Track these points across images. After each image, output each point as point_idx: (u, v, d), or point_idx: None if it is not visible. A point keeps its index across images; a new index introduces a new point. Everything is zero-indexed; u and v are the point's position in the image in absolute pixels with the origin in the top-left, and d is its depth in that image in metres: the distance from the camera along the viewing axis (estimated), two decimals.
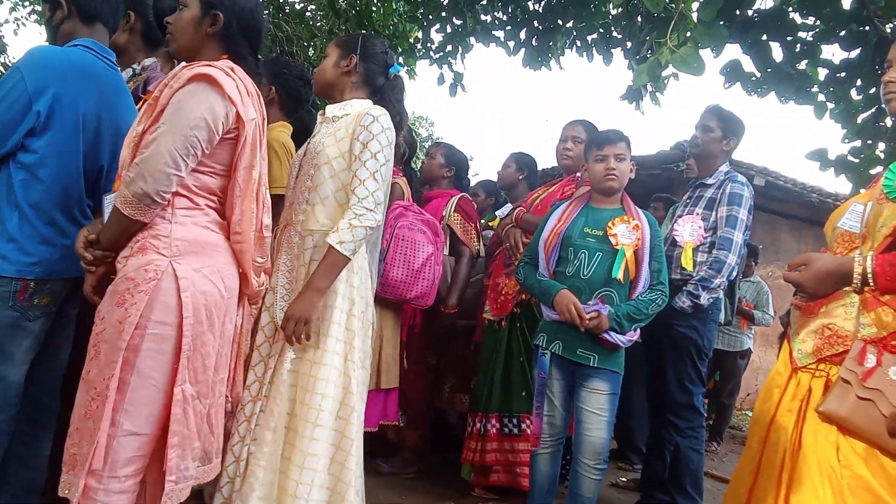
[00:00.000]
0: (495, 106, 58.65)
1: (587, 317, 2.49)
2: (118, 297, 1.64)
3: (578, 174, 3.19)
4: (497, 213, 4.15)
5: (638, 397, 3.91)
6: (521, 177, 3.67)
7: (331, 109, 2.27)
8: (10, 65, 10.60)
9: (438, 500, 3.23)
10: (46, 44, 2.10)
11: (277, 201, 2.52)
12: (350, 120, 2.15)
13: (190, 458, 1.71)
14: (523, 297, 3.12)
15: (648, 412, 3.42)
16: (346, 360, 2.08)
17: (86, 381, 1.65)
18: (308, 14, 7.76)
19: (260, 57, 1.96)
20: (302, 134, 2.84)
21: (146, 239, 1.69)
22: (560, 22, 5.42)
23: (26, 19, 10.91)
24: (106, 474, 1.59)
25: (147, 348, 1.63)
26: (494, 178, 4.09)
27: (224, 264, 1.78)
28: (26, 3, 10.72)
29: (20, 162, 1.88)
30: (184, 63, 1.80)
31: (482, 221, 3.98)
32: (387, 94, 2.28)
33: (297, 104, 2.87)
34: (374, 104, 2.21)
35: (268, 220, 1.87)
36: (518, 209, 3.29)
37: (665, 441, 3.11)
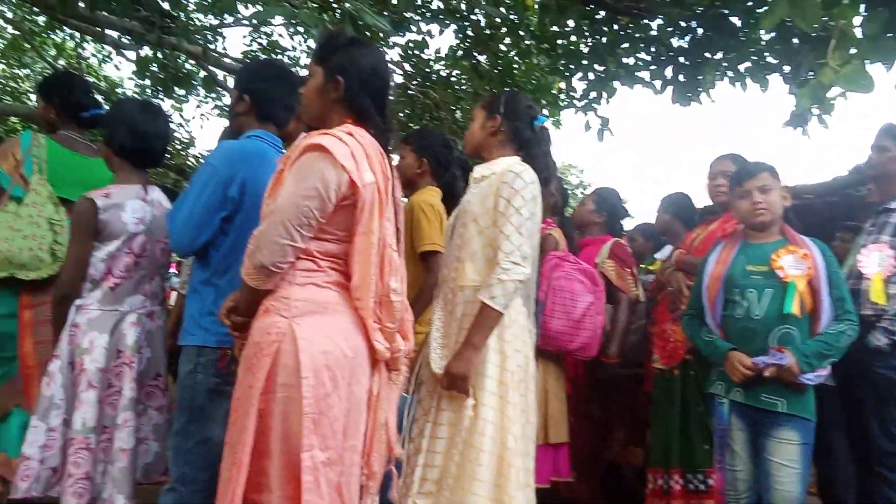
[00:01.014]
0: (647, 145, 57.20)
1: (767, 372, 2.32)
2: (247, 361, 1.68)
3: None
4: (657, 255, 4.03)
5: (839, 445, 3.53)
6: (668, 217, 3.57)
7: (478, 170, 2.36)
8: (200, 155, 12.00)
9: None
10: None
11: (428, 257, 2.70)
12: (495, 178, 2.22)
13: None
14: None
15: (853, 462, 3.07)
16: (503, 414, 2.08)
17: (228, 446, 1.68)
18: (453, 79, 8.11)
19: (387, 112, 1.91)
20: (448, 196, 2.99)
21: (270, 301, 1.71)
22: (708, 55, 5.24)
23: (209, 114, 12.29)
24: None
25: (278, 412, 1.62)
26: (652, 220, 3.99)
27: (347, 324, 1.73)
28: (208, 100, 12.09)
29: (216, 244, 2.11)
30: (303, 134, 1.82)
31: (643, 266, 3.87)
32: (533, 147, 2.32)
33: (445, 170, 3.06)
34: (523, 159, 2.27)
35: (395, 284, 1.80)
36: (678, 251, 3.17)
37: (876, 496, 2.77)
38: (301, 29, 8.77)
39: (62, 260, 2.66)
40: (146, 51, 9.36)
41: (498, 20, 6.48)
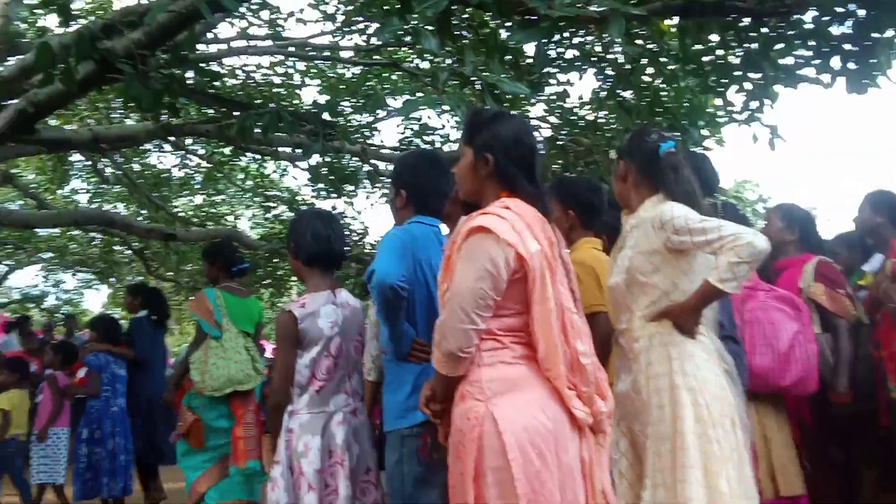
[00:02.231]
0: (825, 143, 51.80)
1: None
2: (454, 449, 1.73)
3: None
4: (865, 268, 3.58)
5: None
6: (879, 220, 3.15)
7: (629, 221, 2.30)
8: (375, 243, 12.68)
9: None
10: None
11: (590, 319, 2.48)
12: (646, 227, 2.17)
13: None
14: None
15: None
16: (708, 455, 1.96)
17: None
18: (601, 120, 7.99)
19: (538, 177, 1.94)
20: (614, 234, 2.85)
21: (464, 387, 1.75)
22: (876, 34, 4.72)
23: (378, 203, 13.02)
24: None
25: (493, 497, 1.64)
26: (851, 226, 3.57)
27: (541, 395, 1.74)
28: (375, 190, 12.85)
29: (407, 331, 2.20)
30: (463, 217, 1.90)
31: (853, 281, 3.45)
32: (664, 177, 2.21)
33: (595, 215, 2.88)
34: (663, 195, 2.20)
35: (583, 347, 1.79)
36: (891, 261, 2.80)
37: None
38: (447, 107, 9.18)
39: (260, 374, 4.01)
40: (316, 159, 10.27)
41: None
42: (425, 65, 8.25)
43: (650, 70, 6.96)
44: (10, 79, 5.14)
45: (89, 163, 13.83)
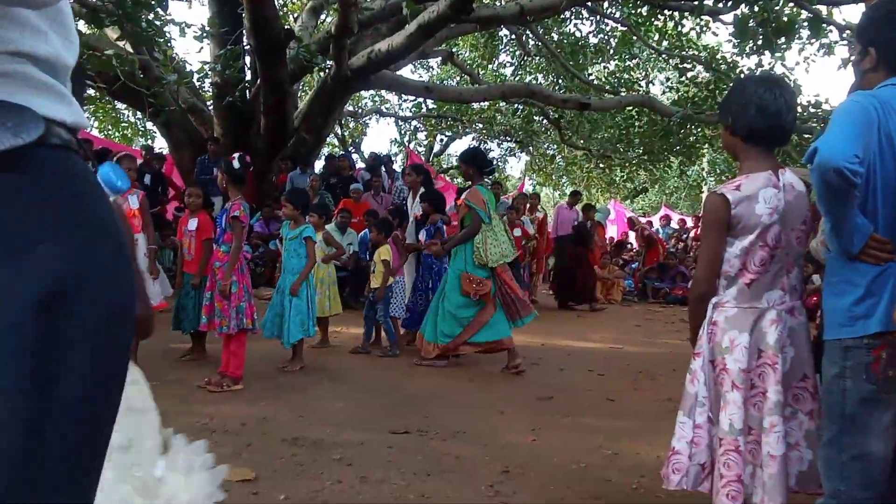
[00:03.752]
0: None
1: None
2: None
3: None
4: None
5: None
6: None
7: None
8: (808, 103, 11.07)
9: None
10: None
11: None
12: None
13: None
14: None
15: None
16: None
17: None
18: None
19: None
20: None
21: None
22: None
23: (815, 56, 11.26)
24: None
25: None
26: None
27: None
28: (812, 42, 11.02)
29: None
30: None
31: None
32: None
33: None
34: None
35: None
36: None
37: None
38: None
39: (515, 249, 5.76)
40: (743, 9, 9.15)
41: None
42: None
43: None
44: None
45: (514, 37, 14.79)
